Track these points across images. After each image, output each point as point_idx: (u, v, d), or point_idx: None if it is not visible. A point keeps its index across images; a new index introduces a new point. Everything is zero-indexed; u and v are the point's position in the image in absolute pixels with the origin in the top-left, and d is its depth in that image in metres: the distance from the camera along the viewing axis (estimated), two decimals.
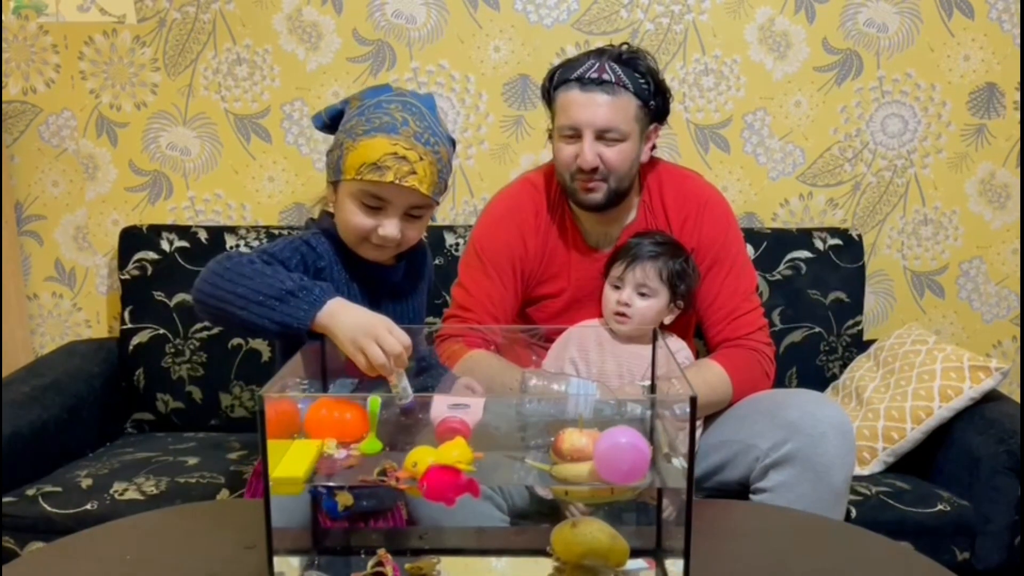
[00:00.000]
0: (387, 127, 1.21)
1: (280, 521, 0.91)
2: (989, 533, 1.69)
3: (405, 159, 1.20)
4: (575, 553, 1.04)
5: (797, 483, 1.45)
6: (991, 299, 2.27)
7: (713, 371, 1.62)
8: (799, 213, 2.23)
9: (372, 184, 1.21)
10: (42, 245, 2.22)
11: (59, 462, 1.82)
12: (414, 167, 1.21)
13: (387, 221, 1.23)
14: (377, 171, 1.20)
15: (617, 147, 1.55)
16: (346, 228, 1.26)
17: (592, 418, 0.98)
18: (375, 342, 1.07)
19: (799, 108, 2.18)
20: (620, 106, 1.54)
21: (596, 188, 1.58)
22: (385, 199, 1.22)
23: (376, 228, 1.24)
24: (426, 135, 1.23)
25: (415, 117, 1.23)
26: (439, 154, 1.25)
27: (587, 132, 1.54)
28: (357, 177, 1.21)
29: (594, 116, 1.54)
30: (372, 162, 1.20)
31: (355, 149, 1.22)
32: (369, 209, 1.23)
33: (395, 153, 1.20)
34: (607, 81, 1.53)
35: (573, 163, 1.57)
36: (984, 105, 2.18)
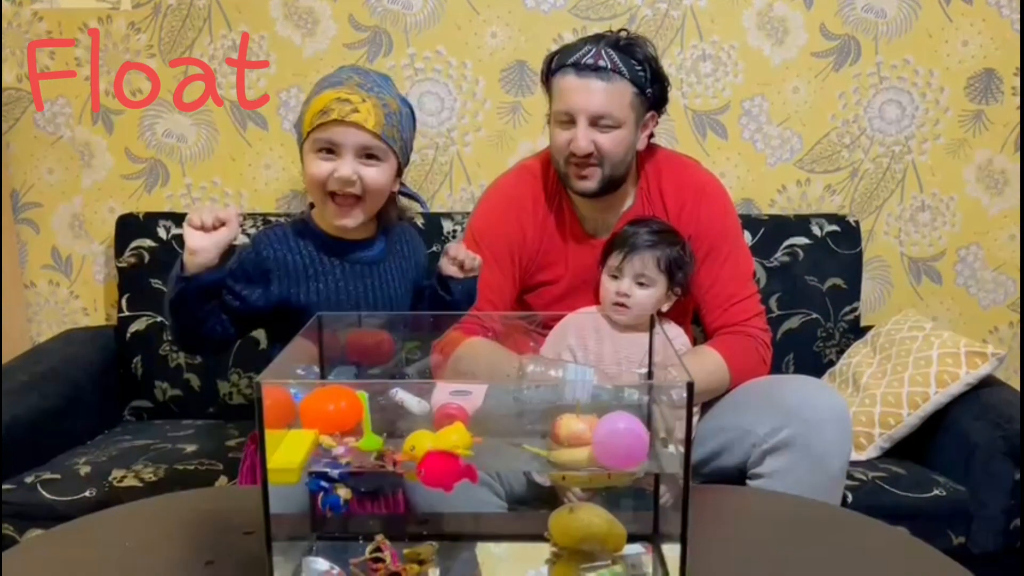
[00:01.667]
0: (333, 83, 1.34)
1: (278, 507, 0.92)
2: (985, 518, 1.70)
3: (348, 101, 1.30)
4: (573, 538, 1.04)
5: (794, 468, 1.45)
6: (988, 285, 2.27)
7: (710, 358, 1.62)
8: (797, 199, 2.23)
9: (321, 129, 1.31)
10: (38, 233, 2.22)
11: (57, 450, 1.82)
12: (356, 107, 1.30)
13: (341, 163, 1.31)
14: (323, 116, 1.30)
15: (611, 134, 1.55)
16: (309, 183, 1.36)
17: (590, 404, 0.98)
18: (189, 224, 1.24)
19: (797, 94, 2.17)
20: (615, 93, 1.54)
21: (590, 175, 1.58)
22: (335, 142, 1.31)
23: (332, 173, 1.31)
24: (369, 85, 1.34)
25: (361, 76, 1.35)
26: (384, 101, 1.34)
27: (581, 118, 1.54)
28: (310, 129, 1.32)
29: (588, 102, 1.53)
30: (319, 110, 1.30)
31: (308, 109, 1.33)
32: (324, 155, 1.32)
33: (338, 98, 1.30)
34: (603, 67, 1.52)
35: (567, 149, 1.57)
36: (982, 91, 2.18)
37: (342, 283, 1.38)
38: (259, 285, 1.35)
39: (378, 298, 1.40)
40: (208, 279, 1.26)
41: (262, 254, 1.35)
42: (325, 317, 1.13)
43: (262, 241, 1.37)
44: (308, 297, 1.36)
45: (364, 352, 1.19)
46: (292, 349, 1.01)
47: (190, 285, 1.25)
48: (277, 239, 1.38)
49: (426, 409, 0.94)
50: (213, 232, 1.24)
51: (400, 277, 1.44)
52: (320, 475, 1.06)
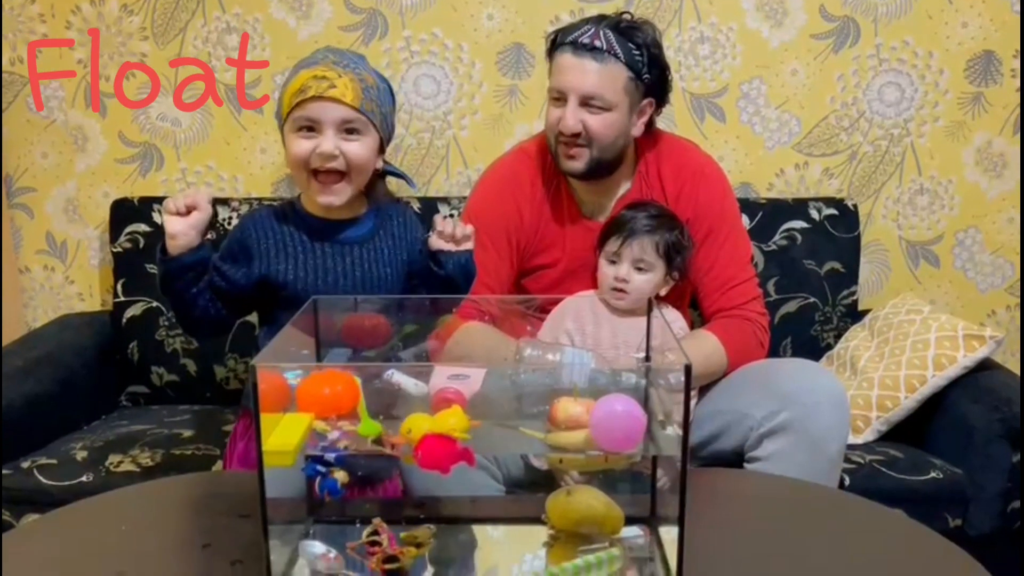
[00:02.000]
0: (309, 63, 1.35)
1: (275, 491, 0.91)
2: (982, 500, 1.70)
3: (324, 78, 1.32)
4: (570, 521, 1.04)
5: (791, 452, 1.45)
6: (986, 268, 2.27)
7: (708, 341, 1.62)
8: (795, 183, 2.22)
9: (299, 108, 1.32)
10: (32, 218, 2.20)
11: (54, 435, 1.82)
12: (333, 82, 1.31)
13: (322, 138, 1.33)
14: (301, 94, 1.31)
15: (601, 116, 1.54)
16: (292, 164, 1.37)
17: (587, 387, 0.97)
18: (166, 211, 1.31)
19: (795, 77, 2.16)
20: (608, 74, 1.53)
21: (577, 155, 1.58)
22: (315, 119, 1.32)
23: (314, 150, 1.33)
24: (345, 62, 1.35)
25: (336, 54, 1.36)
26: (361, 76, 1.35)
27: (572, 97, 1.54)
28: (291, 108, 1.33)
29: (581, 82, 1.53)
30: (296, 90, 1.32)
31: (285, 91, 1.35)
32: (306, 134, 1.33)
33: (315, 75, 1.32)
34: (598, 48, 1.51)
35: (557, 127, 1.56)
36: (982, 73, 2.16)
37: (322, 261, 1.39)
38: (242, 264, 1.39)
39: (365, 277, 1.41)
40: (189, 259, 1.32)
41: (245, 233, 1.40)
42: (321, 300, 1.13)
43: (246, 221, 1.42)
44: (287, 275, 1.38)
45: (359, 335, 1.19)
46: (287, 333, 1.00)
47: (172, 265, 1.32)
48: (261, 218, 1.42)
49: (424, 391, 0.94)
50: (188, 215, 1.31)
51: (390, 256, 1.44)
52: (316, 460, 1.06)
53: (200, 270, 1.35)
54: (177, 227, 1.30)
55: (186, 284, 1.34)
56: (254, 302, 1.43)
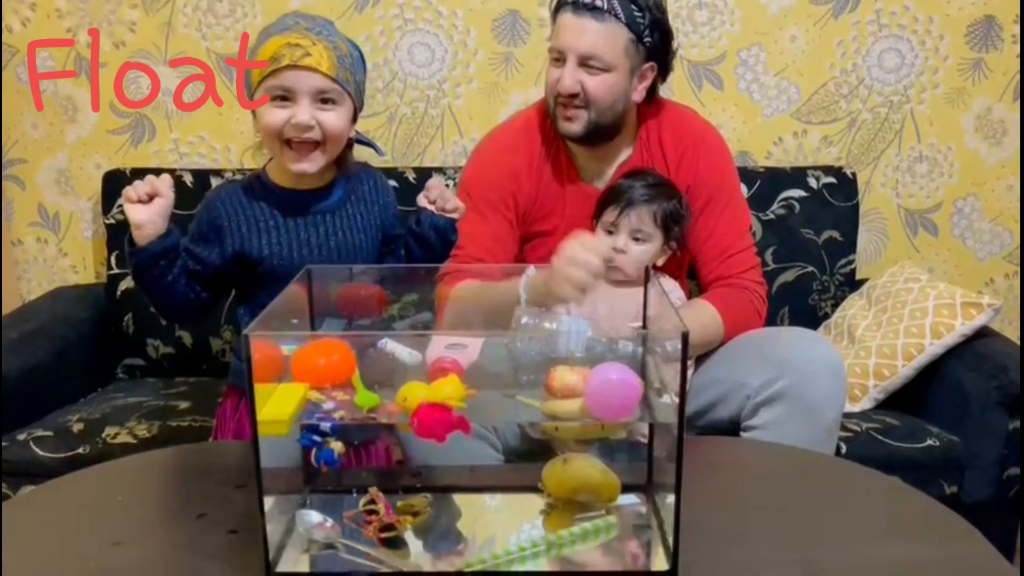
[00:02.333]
0: (279, 29, 1.31)
1: (271, 461, 0.91)
2: (977, 467, 1.71)
3: (298, 46, 1.28)
4: (567, 489, 1.04)
5: (788, 420, 1.45)
6: (984, 236, 2.26)
7: (705, 311, 1.61)
8: (793, 151, 2.20)
9: (273, 76, 1.28)
10: (24, 190, 2.18)
11: (50, 407, 1.82)
12: (308, 50, 1.28)
13: (297, 108, 1.30)
14: (275, 62, 1.27)
15: (600, 77, 1.52)
16: (265, 133, 1.33)
17: (584, 356, 0.97)
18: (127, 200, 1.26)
19: (794, 43, 2.13)
20: (608, 34, 1.51)
21: (575, 116, 1.56)
22: (290, 88, 1.29)
23: (289, 120, 1.30)
24: (317, 29, 1.32)
25: (306, 20, 1.33)
26: (334, 43, 1.32)
27: (571, 57, 1.52)
28: (263, 78, 1.29)
29: (579, 42, 1.51)
30: (270, 57, 1.28)
31: (256, 58, 1.30)
32: (280, 104, 1.30)
33: (288, 43, 1.28)
34: (599, 8, 1.49)
35: (555, 87, 1.55)
36: (982, 38, 2.14)
37: (295, 233, 1.37)
38: (214, 244, 1.36)
39: (339, 246, 1.39)
40: (159, 247, 1.27)
41: (213, 211, 1.37)
42: (314, 271, 1.12)
43: (212, 199, 1.39)
44: (261, 250, 1.36)
45: (353, 305, 1.18)
46: (281, 302, 0.99)
47: (143, 256, 1.27)
48: (228, 195, 1.39)
49: (418, 360, 0.93)
50: (151, 203, 1.25)
51: (363, 223, 1.43)
52: (312, 430, 1.06)
53: (172, 256, 1.30)
54: (142, 216, 1.25)
55: (160, 273, 1.30)
56: (232, 280, 1.41)
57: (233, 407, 1.45)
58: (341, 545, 0.96)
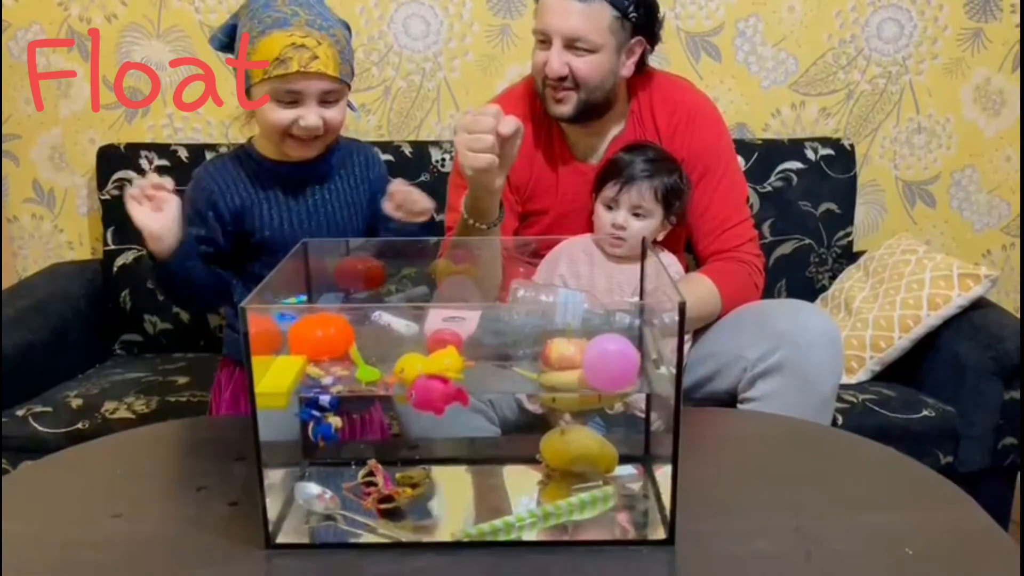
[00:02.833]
0: (279, 22, 1.25)
1: (270, 434, 0.91)
2: (973, 437, 1.72)
3: (304, 47, 1.24)
4: (565, 460, 1.04)
5: (785, 391, 1.45)
6: (982, 208, 2.26)
7: (703, 284, 1.61)
8: (791, 123, 2.19)
9: (280, 79, 1.25)
10: (18, 166, 2.17)
11: (48, 384, 1.82)
12: (315, 52, 1.25)
13: (305, 111, 1.28)
14: (281, 65, 1.24)
15: (587, 58, 1.51)
16: (268, 128, 1.31)
17: (581, 328, 0.97)
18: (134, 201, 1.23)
19: (792, 13, 2.12)
20: (592, 15, 1.49)
21: (565, 98, 1.54)
22: (297, 91, 1.27)
23: (296, 121, 1.28)
24: (318, 21, 1.27)
25: (303, 7, 1.27)
26: (335, 36, 1.29)
27: (556, 39, 1.50)
28: (264, 77, 1.25)
29: (563, 23, 1.49)
30: (274, 58, 1.24)
31: (255, 52, 1.26)
32: (285, 104, 1.28)
33: (293, 43, 1.24)
34: None
35: (543, 70, 1.53)
36: (981, 8, 2.12)
37: (286, 205, 1.37)
38: (214, 222, 1.35)
39: (327, 218, 1.40)
40: (183, 251, 1.26)
41: (206, 190, 1.35)
42: (311, 243, 1.12)
43: (203, 178, 1.37)
44: (254, 221, 1.36)
45: (351, 278, 1.18)
46: (278, 275, 0.99)
47: (173, 265, 1.26)
48: (216, 170, 1.37)
49: (415, 331, 0.93)
50: (163, 210, 1.22)
51: (349, 195, 1.43)
52: (311, 404, 1.06)
53: (193, 252, 1.29)
54: (157, 225, 1.22)
55: (187, 273, 1.28)
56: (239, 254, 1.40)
57: (227, 377, 1.45)
58: (340, 517, 0.97)
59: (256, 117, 1.34)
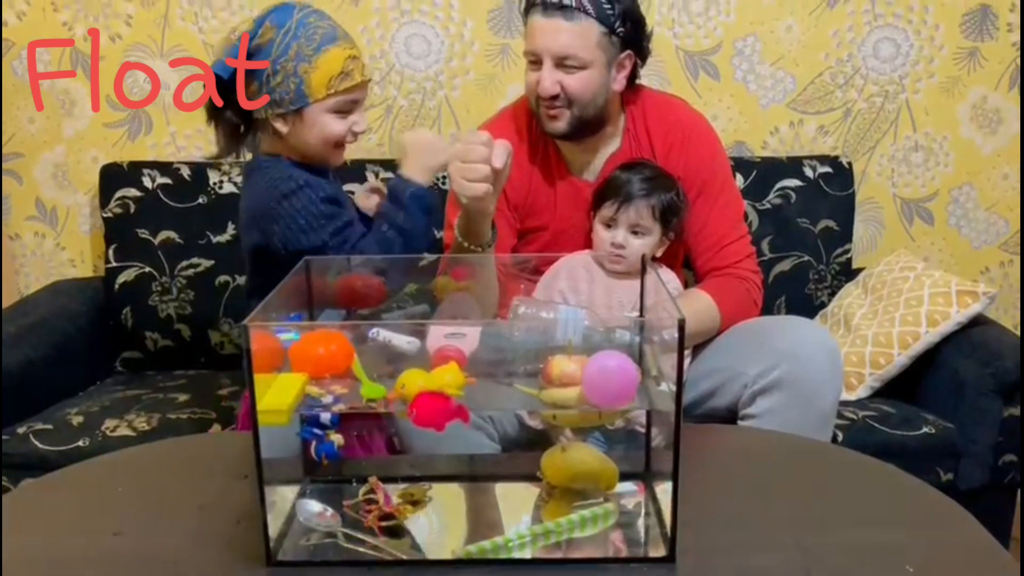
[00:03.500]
0: (329, 37, 1.33)
1: (271, 452, 0.92)
2: (973, 454, 1.72)
3: (356, 58, 1.34)
4: (565, 476, 1.05)
5: (785, 408, 1.46)
6: (980, 225, 2.27)
7: (701, 300, 1.62)
8: (789, 141, 2.20)
9: (347, 91, 1.33)
10: (21, 184, 2.18)
11: (49, 401, 1.82)
12: (362, 60, 1.36)
13: (357, 118, 1.37)
14: (347, 79, 1.32)
15: (577, 75, 1.52)
16: (323, 141, 1.36)
17: (581, 344, 0.97)
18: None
19: (790, 33, 2.14)
20: (580, 32, 1.50)
21: (558, 115, 1.56)
22: (356, 100, 1.35)
23: (350, 128, 1.36)
24: (343, 30, 1.36)
25: (330, 20, 1.35)
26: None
27: (546, 59, 1.52)
28: (330, 92, 1.32)
29: (552, 42, 1.50)
30: (339, 72, 1.32)
31: (316, 69, 1.31)
32: (342, 115, 1.35)
33: (350, 56, 1.33)
34: (567, 6, 1.48)
35: (536, 90, 1.55)
36: (977, 27, 2.14)
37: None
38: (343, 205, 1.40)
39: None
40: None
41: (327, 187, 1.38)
42: (312, 261, 1.12)
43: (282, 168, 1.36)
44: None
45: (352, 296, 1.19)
46: (280, 292, 1.00)
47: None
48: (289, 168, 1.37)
49: (416, 347, 0.94)
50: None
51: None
52: (312, 422, 1.07)
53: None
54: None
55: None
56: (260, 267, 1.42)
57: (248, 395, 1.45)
58: (341, 534, 0.97)
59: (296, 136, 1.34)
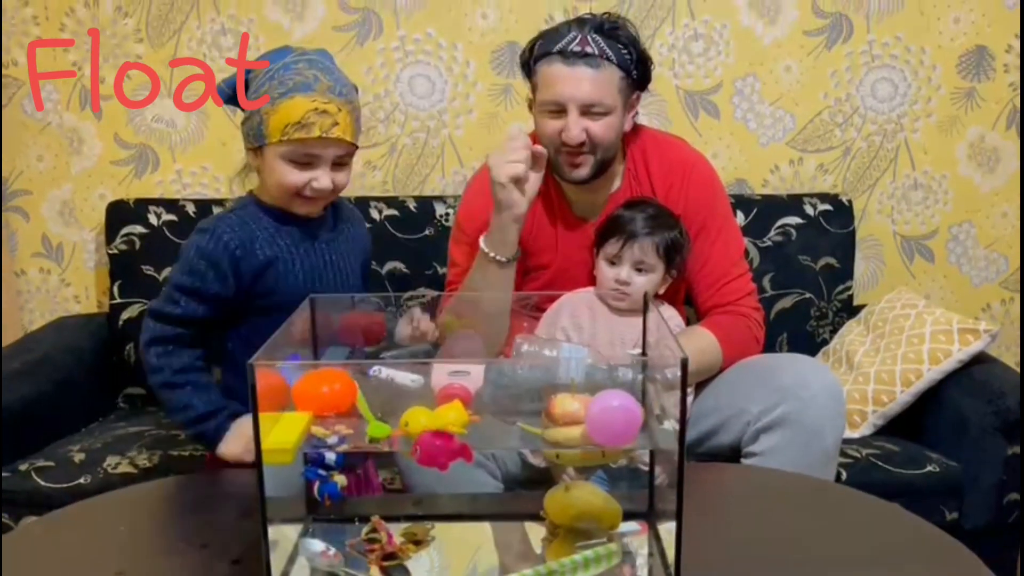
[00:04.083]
0: (302, 86, 1.28)
1: (274, 490, 0.92)
2: (977, 493, 1.71)
3: (326, 112, 1.28)
4: (568, 516, 1.04)
5: (788, 446, 1.45)
6: (980, 263, 2.28)
7: (704, 338, 1.62)
8: (789, 179, 2.22)
9: (300, 142, 1.28)
10: (28, 221, 2.20)
11: (51, 437, 1.82)
12: (335, 119, 1.29)
13: (319, 174, 1.31)
14: (303, 129, 1.27)
15: (603, 120, 1.54)
16: (279, 187, 1.34)
17: (584, 383, 0.98)
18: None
19: (789, 73, 2.17)
20: (604, 79, 1.52)
21: (583, 162, 1.57)
22: (314, 154, 1.30)
23: (309, 182, 1.31)
24: (338, 87, 1.31)
25: (324, 72, 1.30)
26: (353, 103, 1.33)
27: (572, 107, 1.52)
28: (283, 138, 1.28)
29: (578, 91, 1.51)
30: (296, 121, 1.27)
31: (275, 113, 1.28)
32: (299, 166, 1.31)
33: (315, 109, 1.27)
34: (591, 54, 1.50)
35: (558, 138, 1.55)
36: (974, 68, 2.17)
37: (304, 259, 1.39)
38: (234, 279, 1.34)
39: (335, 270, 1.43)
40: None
41: (229, 245, 1.33)
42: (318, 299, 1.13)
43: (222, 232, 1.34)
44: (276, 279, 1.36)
45: (356, 333, 1.19)
46: (285, 330, 1.00)
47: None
48: (237, 226, 1.36)
49: (420, 384, 0.94)
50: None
51: (349, 247, 1.47)
52: (316, 463, 1.07)
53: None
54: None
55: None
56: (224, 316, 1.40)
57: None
58: (344, 574, 0.97)
59: (263, 175, 1.35)
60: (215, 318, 1.37)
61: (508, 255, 1.50)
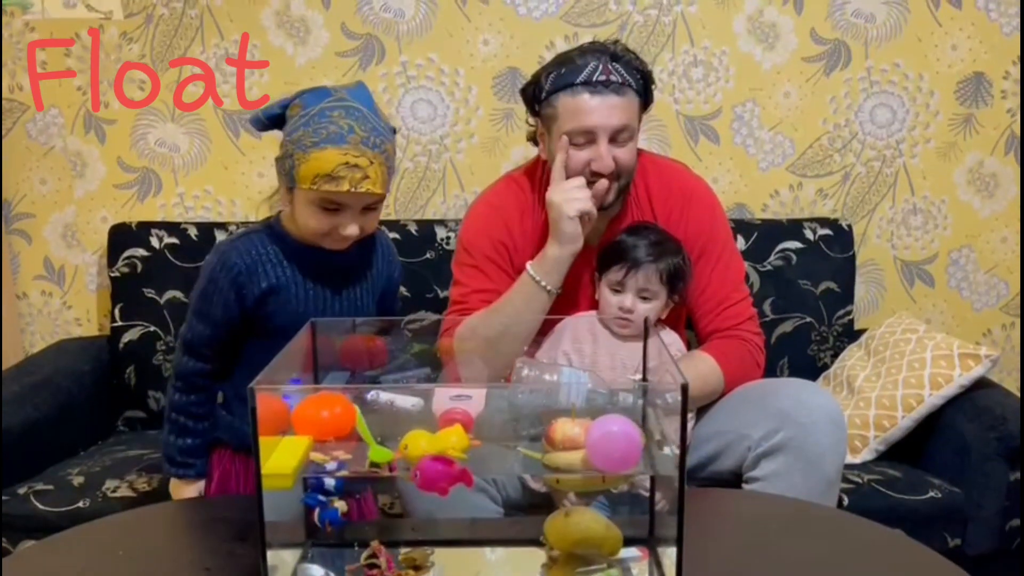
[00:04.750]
0: (335, 137, 1.26)
1: (273, 515, 0.91)
2: (980, 519, 1.70)
3: (357, 167, 1.26)
4: (569, 542, 1.04)
5: (789, 472, 1.45)
6: (980, 287, 2.28)
7: (704, 362, 1.62)
8: (789, 204, 2.23)
9: (328, 193, 1.27)
10: (30, 244, 2.21)
11: (51, 460, 1.81)
12: (366, 172, 1.27)
13: (347, 221, 1.30)
14: (332, 182, 1.26)
15: (627, 146, 1.56)
16: (307, 229, 1.34)
17: (585, 407, 0.98)
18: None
19: (788, 99, 2.18)
20: (628, 105, 1.54)
21: (609, 189, 1.58)
22: (342, 204, 1.29)
23: (336, 228, 1.31)
24: (372, 138, 1.28)
25: (359, 122, 1.27)
26: (386, 152, 1.30)
27: (603, 135, 1.53)
28: (313, 187, 1.27)
29: (608, 119, 1.52)
30: (326, 173, 1.26)
31: (307, 161, 1.26)
32: (327, 212, 1.30)
33: (347, 163, 1.26)
34: (615, 82, 1.52)
35: (585, 168, 1.54)
36: (972, 94, 2.19)
37: (313, 290, 1.38)
38: (236, 303, 1.35)
39: (346, 303, 1.41)
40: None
41: (233, 268, 1.34)
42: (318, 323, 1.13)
43: (230, 254, 1.36)
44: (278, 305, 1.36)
45: (357, 357, 1.19)
46: (285, 355, 1.01)
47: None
48: (245, 248, 1.36)
49: (420, 408, 0.94)
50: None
51: (369, 284, 1.46)
52: (316, 489, 1.06)
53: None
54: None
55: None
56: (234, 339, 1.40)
57: (218, 459, 1.45)
58: None
59: (293, 210, 1.34)
60: (223, 340, 1.38)
61: (557, 286, 1.55)
